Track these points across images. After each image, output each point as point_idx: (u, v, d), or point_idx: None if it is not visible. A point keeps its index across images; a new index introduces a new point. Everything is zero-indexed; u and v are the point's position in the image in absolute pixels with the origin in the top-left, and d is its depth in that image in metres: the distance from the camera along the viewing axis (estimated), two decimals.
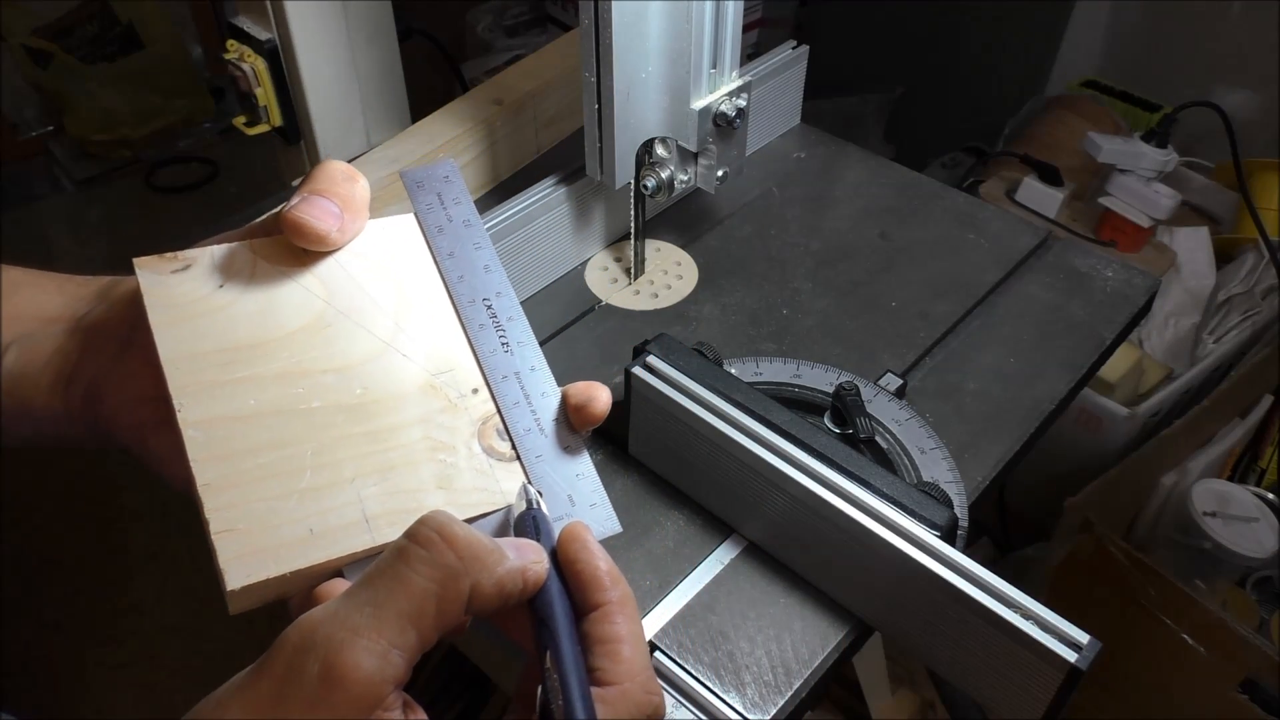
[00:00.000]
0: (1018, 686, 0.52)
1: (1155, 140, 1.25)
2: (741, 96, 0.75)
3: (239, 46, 0.87)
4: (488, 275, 0.46)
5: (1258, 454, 1.32)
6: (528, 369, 0.43)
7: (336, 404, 0.41)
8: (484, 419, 0.42)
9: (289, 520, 0.37)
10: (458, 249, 0.46)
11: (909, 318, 0.79)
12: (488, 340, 0.44)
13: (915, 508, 0.54)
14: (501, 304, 0.45)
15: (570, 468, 0.41)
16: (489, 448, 0.41)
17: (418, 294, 0.45)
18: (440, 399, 0.42)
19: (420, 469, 0.40)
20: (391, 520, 0.38)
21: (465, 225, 0.47)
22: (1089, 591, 1.17)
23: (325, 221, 0.43)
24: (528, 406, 0.42)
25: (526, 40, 1.86)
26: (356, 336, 0.43)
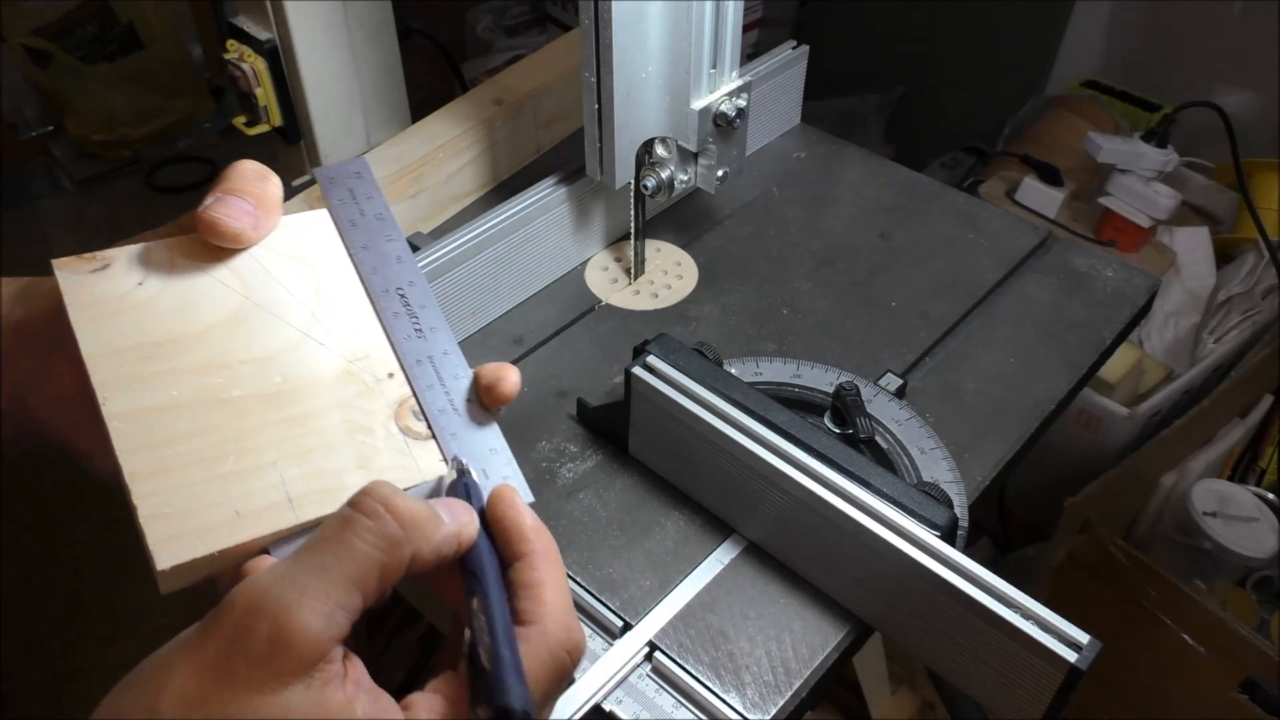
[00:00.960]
0: (1018, 686, 0.52)
1: (1155, 140, 1.25)
2: (741, 96, 0.75)
3: (239, 46, 0.87)
4: (400, 266, 0.48)
5: (1258, 454, 1.32)
6: (440, 353, 0.46)
7: (256, 393, 0.43)
8: (400, 401, 0.44)
9: (214, 503, 0.39)
10: (371, 242, 0.48)
11: (909, 318, 0.79)
12: (402, 327, 0.46)
13: (915, 508, 0.54)
14: (414, 293, 0.47)
15: (483, 444, 0.43)
16: (405, 428, 0.43)
17: (333, 286, 0.47)
18: (357, 384, 0.44)
19: (340, 450, 0.42)
20: (314, 499, 0.40)
21: (378, 219, 0.49)
22: (1089, 591, 1.17)
23: (239, 220, 0.45)
24: (441, 388, 0.44)
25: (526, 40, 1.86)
26: (274, 328, 0.45)
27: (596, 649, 0.58)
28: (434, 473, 0.42)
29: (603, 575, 0.61)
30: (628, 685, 0.57)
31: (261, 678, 0.31)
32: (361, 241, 0.48)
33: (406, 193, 0.84)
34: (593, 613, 0.59)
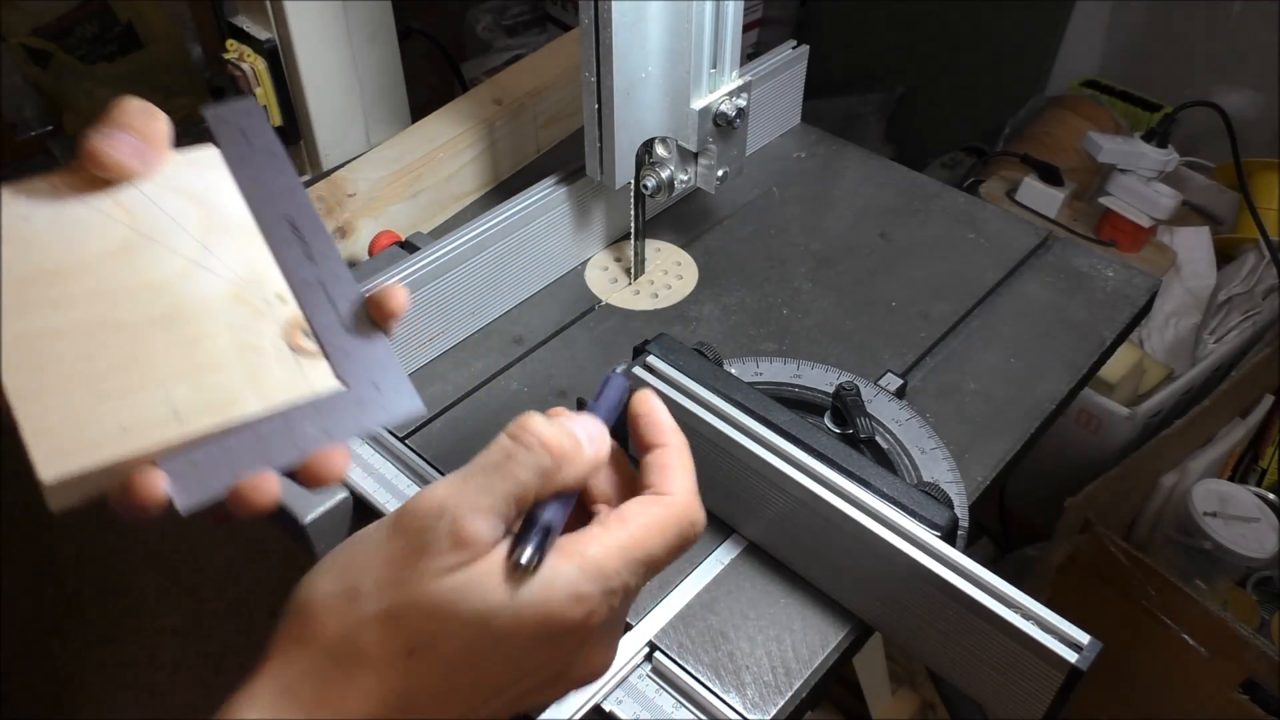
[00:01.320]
0: (1018, 686, 0.52)
1: (1155, 140, 1.25)
2: (741, 96, 0.75)
3: (239, 46, 0.87)
4: (290, 197, 0.50)
5: (1258, 454, 1.32)
6: (331, 276, 0.47)
7: (144, 317, 0.44)
8: (290, 322, 0.45)
9: (100, 419, 0.41)
10: (260, 175, 0.50)
11: (909, 318, 0.79)
12: (291, 253, 0.48)
13: (915, 508, 0.54)
14: (305, 221, 0.49)
15: (374, 358, 0.45)
16: (297, 346, 0.45)
17: (222, 217, 0.48)
18: (247, 307, 0.46)
19: (229, 369, 0.43)
20: (202, 412, 0.42)
21: (267, 154, 0.50)
22: (1089, 591, 1.17)
23: (123, 150, 0.46)
24: (331, 308, 0.46)
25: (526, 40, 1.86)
26: (162, 257, 0.46)
27: None
28: (324, 388, 0.44)
29: None
30: (628, 685, 0.56)
31: (441, 566, 0.38)
32: (251, 175, 0.50)
33: (406, 193, 0.84)
34: None
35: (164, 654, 1.45)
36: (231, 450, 0.42)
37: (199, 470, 0.42)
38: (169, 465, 0.41)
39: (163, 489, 0.41)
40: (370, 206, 0.82)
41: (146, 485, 0.41)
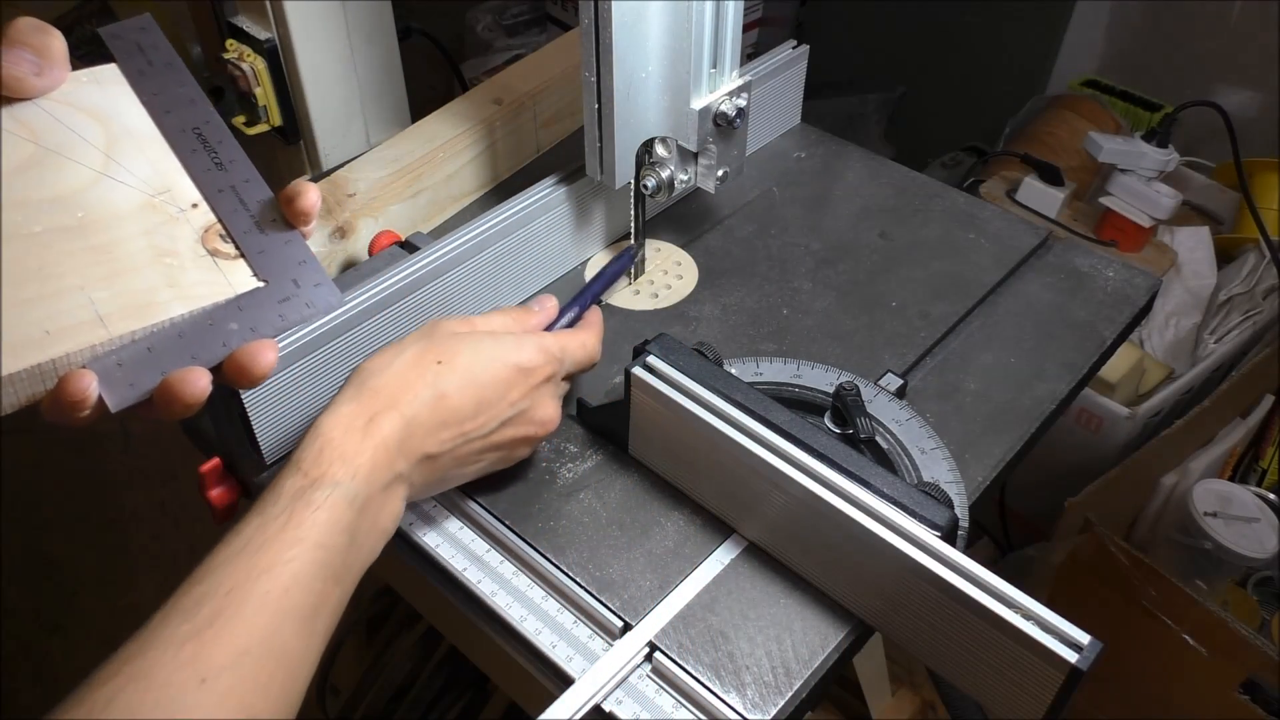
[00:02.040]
0: (1018, 687, 0.52)
1: (1156, 140, 1.25)
2: (741, 96, 0.75)
3: (238, 46, 0.87)
4: (193, 107, 0.50)
5: (1259, 454, 1.32)
6: (242, 181, 0.48)
7: (57, 226, 0.45)
8: (205, 227, 0.47)
9: (23, 325, 0.42)
10: (162, 88, 0.51)
11: (909, 318, 0.79)
12: (200, 161, 0.49)
13: (915, 508, 0.54)
14: (210, 130, 0.50)
15: (293, 257, 0.47)
16: (214, 250, 0.46)
17: (126, 130, 0.49)
18: (161, 214, 0.47)
19: (147, 272, 0.45)
20: (124, 315, 0.43)
21: (167, 67, 0.51)
22: (1089, 592, 1.17)
23: (20, 67, 0.47)
24: (245, 212, 0.48)
25: (526, 40, 1.86)
26: (69, 169, 0.47)
27: (596, 649, 0.58)
28: (245, 287, 0.45)
29: (603, 575, 0.60)
30: (628, 685, 0.56)
31: (456, 328, 0.60)
32: (152, 89, 0.50)
33: (406, 193, 0.84)
34: (593, 613, 0.59)
35: None
36: (158, 350, 0.43)
37: (127, 370, 0.43)
38: (97, 367, 0.42)
39: (93, 389, 0.42)
40: (370, 206, 0.82)
41: (77, 387, 0.42)
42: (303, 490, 0.49)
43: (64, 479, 1.62)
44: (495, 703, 0.99)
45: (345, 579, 0.50)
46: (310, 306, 0.46)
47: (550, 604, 0.60)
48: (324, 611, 0.48)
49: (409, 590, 0.70)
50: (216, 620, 0.43)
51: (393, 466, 0.53)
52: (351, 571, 0.51)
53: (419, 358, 0.56)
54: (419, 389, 0.55)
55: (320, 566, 0.47)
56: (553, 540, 0.62)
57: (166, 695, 0.41)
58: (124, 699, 0.41)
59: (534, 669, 0.59)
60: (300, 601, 0.46)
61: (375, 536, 0.53)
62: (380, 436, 0.53)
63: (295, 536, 0.47)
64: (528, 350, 0.59)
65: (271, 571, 0.46)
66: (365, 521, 0.51)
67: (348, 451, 0.51)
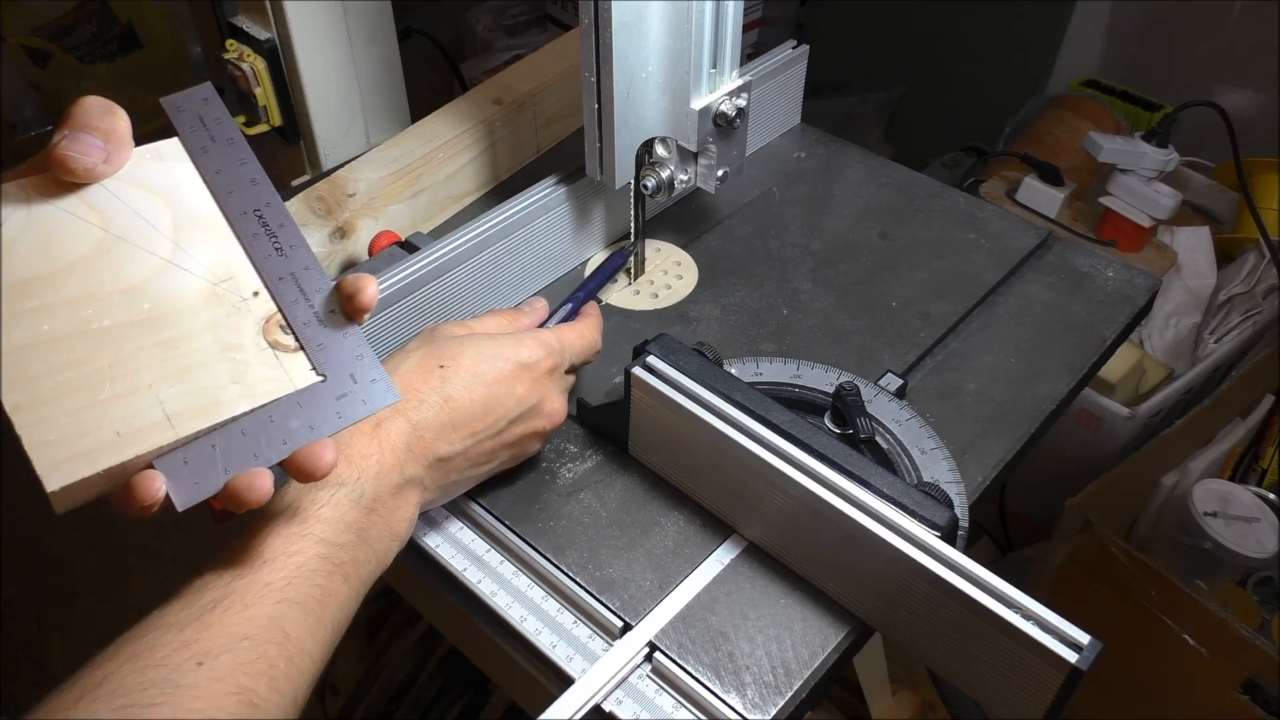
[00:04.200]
0: (1018, 687, 0.52)
1: (1156, 140, 1.25)
2: (741, 96, 0.75)
3: (238, 46, 0.87)
4: (255, 188, 0.49)
5: (1259, 454, 1.32)
6: (301, 269, 0.48)
7: (126, 321, 0.44)
8: (267, 317, 0.46)
9: (95, 427, 0.42)
10: (224, 166, 0.50)
11: (909, 318, 0.79)
12: (262, 247, 0.48)
13: (915, 508, 0.54)
14: (271, 213, 0.49)
15: (349, 351, 0.46)
16: (274, 342, 0.46)
17: (191, 212, 0.48)
18: (224, 305, 0.46)
19: (213, 368, 0.44)
20: (192, 415, 0.43)
21: (229, 143, 0.50)
22: (1089, 592, 1.17)
23: (91, 155, 0.46)
24: (305, 302, 0.47)
25: (526, 40, 1.86)
26: (137, 257, 0.46)
27: (596, 649, 0.58)
28: (305, 382, 0.45)
29: (603, 575, 0.60)
30: (628, 686, 0.56)
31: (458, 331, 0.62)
32: (215, 167, 0.49)
33: (406, 193, 0.84)
34: (593, 613, 0.59)
35: None
36: (222, 449, 0.44)
37: (193, 470, 0.43)
38: (165, 466, 0.43)
39: (161, 490, 0.42)
40: (370, 206, 0.82)
41: (146, 487, 0.42)
42: (308, 489, 0.50)
43: None
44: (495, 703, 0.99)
45: (354, 577, 0.50)
46: (367, 403, 0.46)
47: (550, 604, 0.60)
48: (330, 605, 0.48)
49: (409, 590, 0.70)
50: (217, 607, 0.44)
51: (402, 469, 0.54)
52: (361, 571, 0.51)
53: (422, 363, 0.58)
54: (425, 394, 0.56)
55: (324, 560, 0.48)
56: (553, 540, 0.62)
57: (161, 674, 0.41)
58: (119, 677, 0.41)
59: (534, 669, 0.59)
60: (304, 593, 0.47)
61: (387, 539, 0.53)
62: (388, 440, 0.54)
63: (299, 532, 0.48)
64: (528, 346, 0.60)
65: (274, 563, 0.46)
66: (375, 523, 0.52)
67: (353, 454, 0.52)
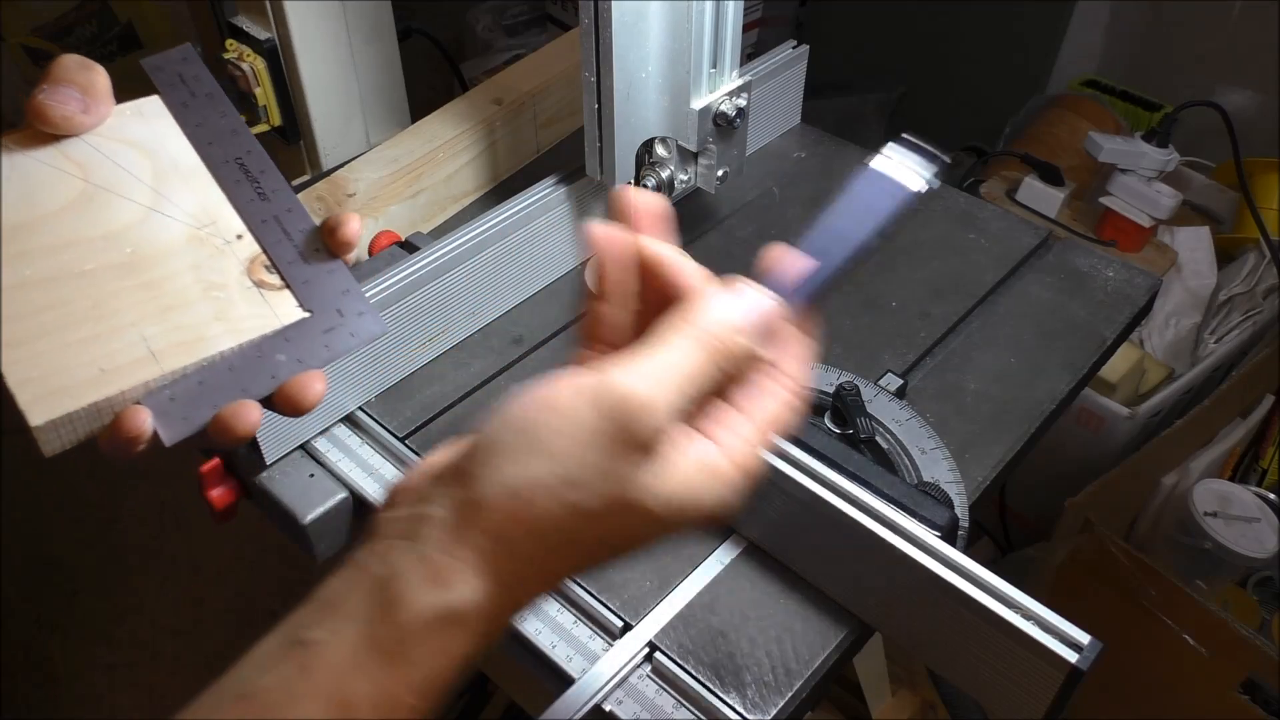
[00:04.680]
0: (1018, 686, 0.52)
1: (1156, 140, 1.25)
2: (741, 96, 0.75)
3: (238, 46, 0.87)
4: (236, 137, 0.51)
5: (1259, 454, 1.32)
6: (284, 210, 0.49)
7: (108, 264, 0.45)
8: (251, 258, 0.47)
9: (79, 364, 0.42)
10: (205, 119, 0.51)
11: (909, 318, 0.79)
12: (244, 192, 0.49)
13: (915, 508, 0.54)
14: (252, 160, 0.50)
15: (335, 286, 0.47)
16: (259, 281, 0.47)
17: (172, 163, 0.50)
18: (207, 247, 0.47)
19: (197, 307, 0.45)
20: (176, 351, 0.44)
21: (208, 98, 0.52)
22: (1089, 592, 1.17)
23: (68, 105, 0.47)
24: (289, 242, 0.48)
25: (526, 40, 1.86)
26: (118, 206, 0.47)
27: (596, 649, 0.58)
28: (291, 318, 0.46)
29: (603, 575, 0.60)
30: (628, 686, 0.56)
31: (639, 462, 0.38)
32: (195, 120, 0.51)
33: (406, 193, 0.84)
34: (593, 613, 0.59)
35: (164, 654, 1.45)
36: (209, 384, 0.44)
37: (180, 405, 0.43)
38: (151, 402, 0.43)
39: (148, 425, 0.43)
40: (370, 206, 0.82)
41: (132, 423, 0.42)
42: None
43: (64, 479, 1.62)
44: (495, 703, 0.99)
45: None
46: (354, 336, 0.46)
47: (550, 604, 0.60)
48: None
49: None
50: None
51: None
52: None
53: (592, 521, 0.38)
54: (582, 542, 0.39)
55: None
56: None
57: None
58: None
59: (534, 669, 0.59)
60: None
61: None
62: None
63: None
64: (732, 496, 0.41)
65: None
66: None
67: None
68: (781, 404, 0.44)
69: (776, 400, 0.43)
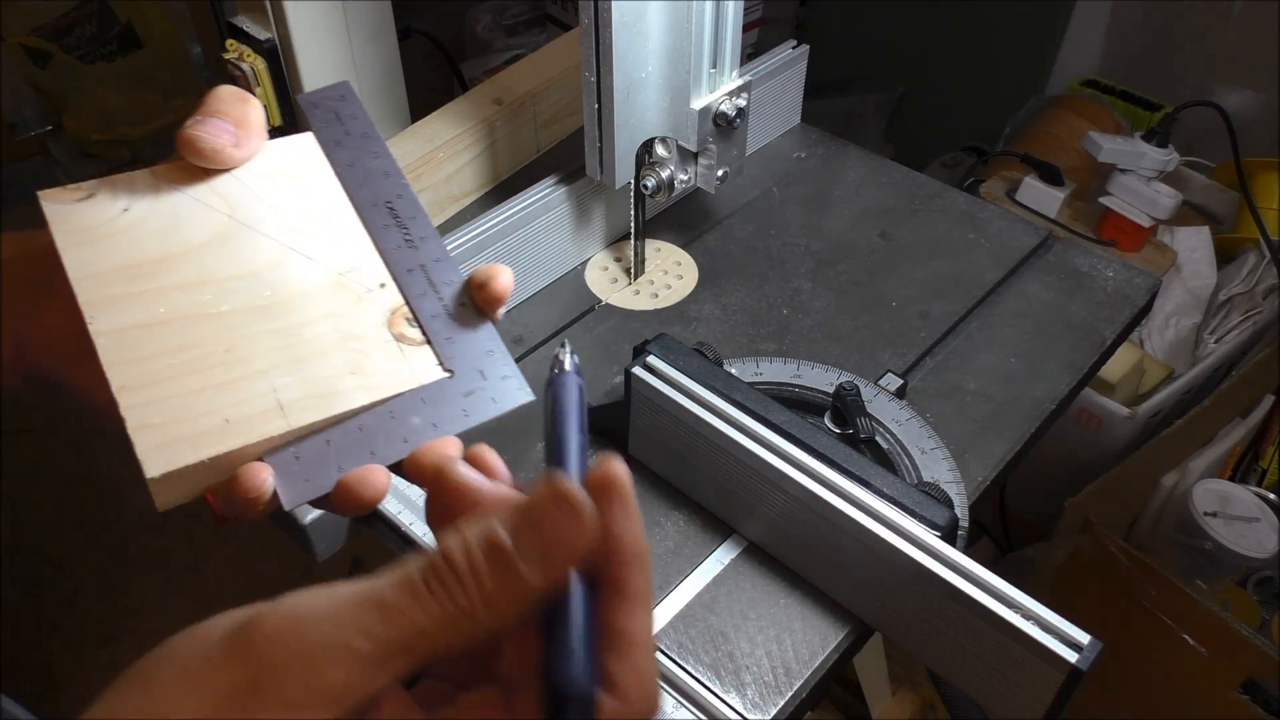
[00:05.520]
0: (1018, 686, 0.52)
1: (1156, 140, 1.25)
2: (741, 96, 0.75)
3: (238, 46, 0.87)
4: (387, 180, 0.48)
5: (1259, 454, 1.32)
6: (432, 260, 0.46)
7: (245, 306, 0.43)
8: (393, 309, 0.44)
9: (204, 412, 0.39)
10: (357, 159, 0.49)
11: (909, 318, 0.79)
12: (392, 238, 0.46)
13: (915, 508, 0.54)
14: (403, 205, 0.47)
15: (479, 345, 0.43)
16: (399, 334, 0.43)
17: (320, 203, 0.47)
18: (348, 295, 0.44)
19: (332, 357, 0.42)
20: (306, 405, 0.40)
21: (363, 137, 0.49)
22: (1089, 592, 1.17)
23: (219, 138, 0.45)
24: (434, 294, 0.45)
25: (526, 40, 1.86)
26: (261, 245, 0.45)
27: None
28: (430, 377, 0.42)
29: None
30: None
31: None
32: (347, 160, 0.49)
33: None
34: None
35: None
36: (336, 444, 0.41)
37: (305, 465, 0.40)
38: (275, 460, 0.40)
39: (269, 484, 0.39)
40: None
41: (252, 481, 0.39)
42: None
43: (64, 479, 1.62)
44: None
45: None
46: (496, 401, 0.42)
47: None
48: None
49: None
50: None
51: None
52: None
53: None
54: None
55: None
56: None
57: None
58: None
59: None
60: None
61: None
62: None
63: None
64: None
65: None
66: None
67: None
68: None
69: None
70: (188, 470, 0.38)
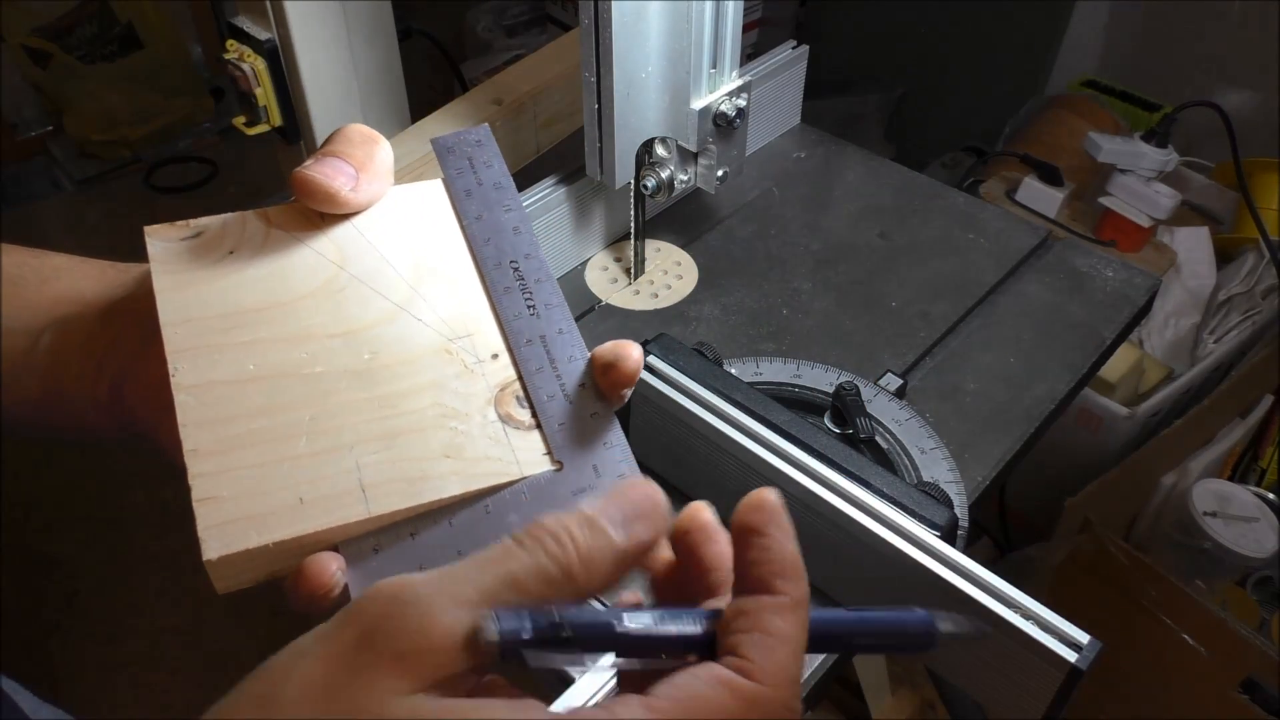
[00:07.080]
0: (1018, 686, 0.52)
1: (1155, 140, 1.25)
2: (741, 96, 0.75)
3: (239, 46, 0.87)
4: (517, 237, 0.43)
5: (1258, 454, 1.32)
6: (555, 332, 0.41)
7: (342, 368, 0.39)
8: (503, 385, 0.39)
9: (278, 488, 0.35)
10: (486, 212, 0.44)
11: (909, 318, 0.79)
12: (513, 304, 0.41)
13: (915, 508, 0.54)
14: (530, 266, 0.43)
15: (597, 435, 0.38)
16: (506, 415, 0.38)
17: (440, 258, 0.43)
18: (456, 364, 0.40)
19: (427, 436, 0.37)
20: (390, 490, 0.36)
21: (496, 188, 0.45)
22: (1089, 591, 1.17)
23: (335, 180, 0.42)
24: (552, 372, 0.40)
25: (526, 40, 1.87)
26: (369, 300, 0.41)
27: None
28: (535, 469, 0.37)
29: None
30: None
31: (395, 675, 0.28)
32: (475, 212, 0.44)
33: None
34: None
35: (164, 654, 1.45)
36: (421, 539, 0.36)
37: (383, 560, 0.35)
38: (348, 550, 0.35)
39: (339, 579, 0.35)
40: None
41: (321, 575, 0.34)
42: None
43: (64, 479, 1.62)
44: None
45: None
46: None
47: None
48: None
49: None
50: None
51: None
52: None
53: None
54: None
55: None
56: None
57: None
58: None
59: None
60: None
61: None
62: None
63: None
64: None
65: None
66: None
67: None
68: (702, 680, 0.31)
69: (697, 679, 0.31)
70: (250, 554, 0.34)
